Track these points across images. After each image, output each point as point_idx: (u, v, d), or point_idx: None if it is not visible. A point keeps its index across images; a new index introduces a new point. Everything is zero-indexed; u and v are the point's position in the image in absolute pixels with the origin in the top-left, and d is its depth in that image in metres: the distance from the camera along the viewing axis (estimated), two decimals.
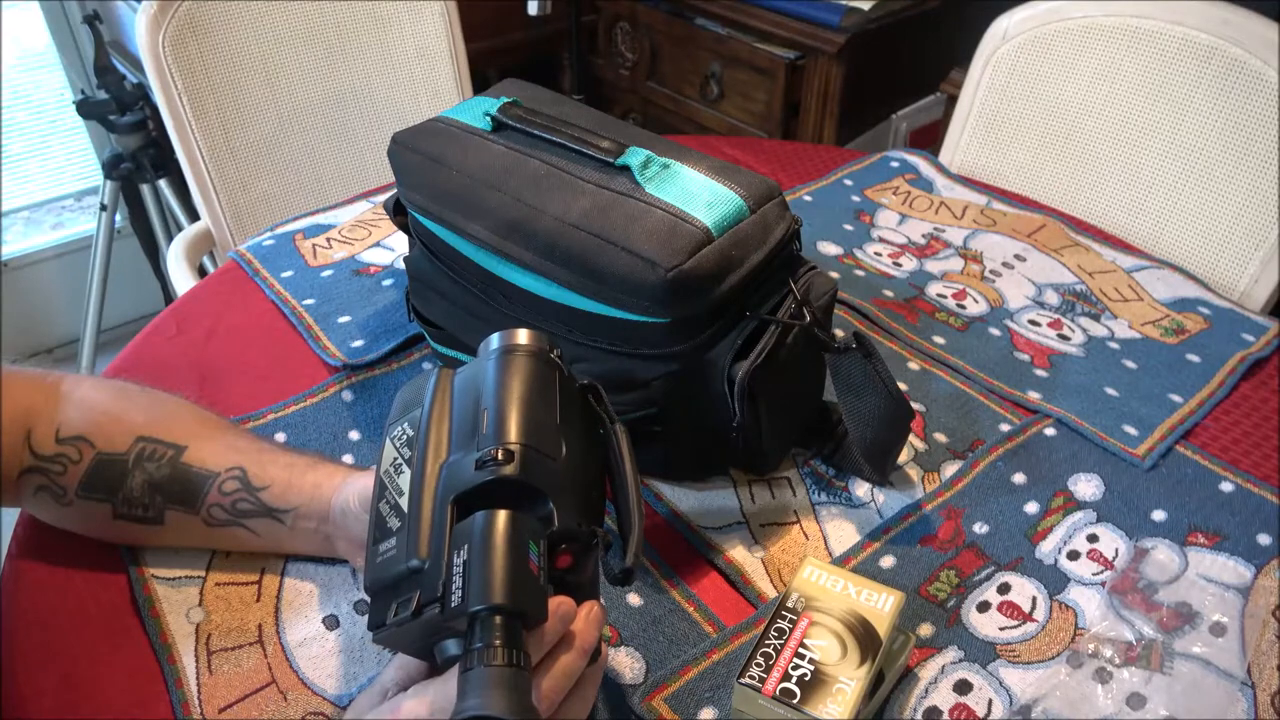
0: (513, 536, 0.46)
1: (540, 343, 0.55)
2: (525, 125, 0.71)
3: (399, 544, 0.48)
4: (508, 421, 0.50)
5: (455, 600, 0.44)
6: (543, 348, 0.55)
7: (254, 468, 0.62)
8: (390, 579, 0.48)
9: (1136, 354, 0.87)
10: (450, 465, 0.50)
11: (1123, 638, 0.62)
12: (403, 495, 0.50)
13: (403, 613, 0.46)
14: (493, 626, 0.43)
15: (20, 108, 1.96)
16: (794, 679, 0.53)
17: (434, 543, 0.47)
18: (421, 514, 0.48)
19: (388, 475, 0.52)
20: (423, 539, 0.48)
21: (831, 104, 1.64)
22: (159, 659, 0.60)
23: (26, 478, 0.61)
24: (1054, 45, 1.16)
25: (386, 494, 0.51)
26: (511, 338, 0.55)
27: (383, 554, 0.48)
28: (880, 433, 0.69)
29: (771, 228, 0.67)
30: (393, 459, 0.52)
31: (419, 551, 0.47)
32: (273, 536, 0.63)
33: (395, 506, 0.50)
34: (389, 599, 0.47)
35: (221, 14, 1.20)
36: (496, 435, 0.49)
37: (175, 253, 1.19)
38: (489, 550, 0.45)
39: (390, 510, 0.50)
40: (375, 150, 1.36)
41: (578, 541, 0.49)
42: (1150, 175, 1.12)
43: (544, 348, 0.55)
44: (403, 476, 0.51)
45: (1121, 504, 0.72)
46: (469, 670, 0.42)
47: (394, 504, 0.50)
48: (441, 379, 0.55)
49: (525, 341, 0.55)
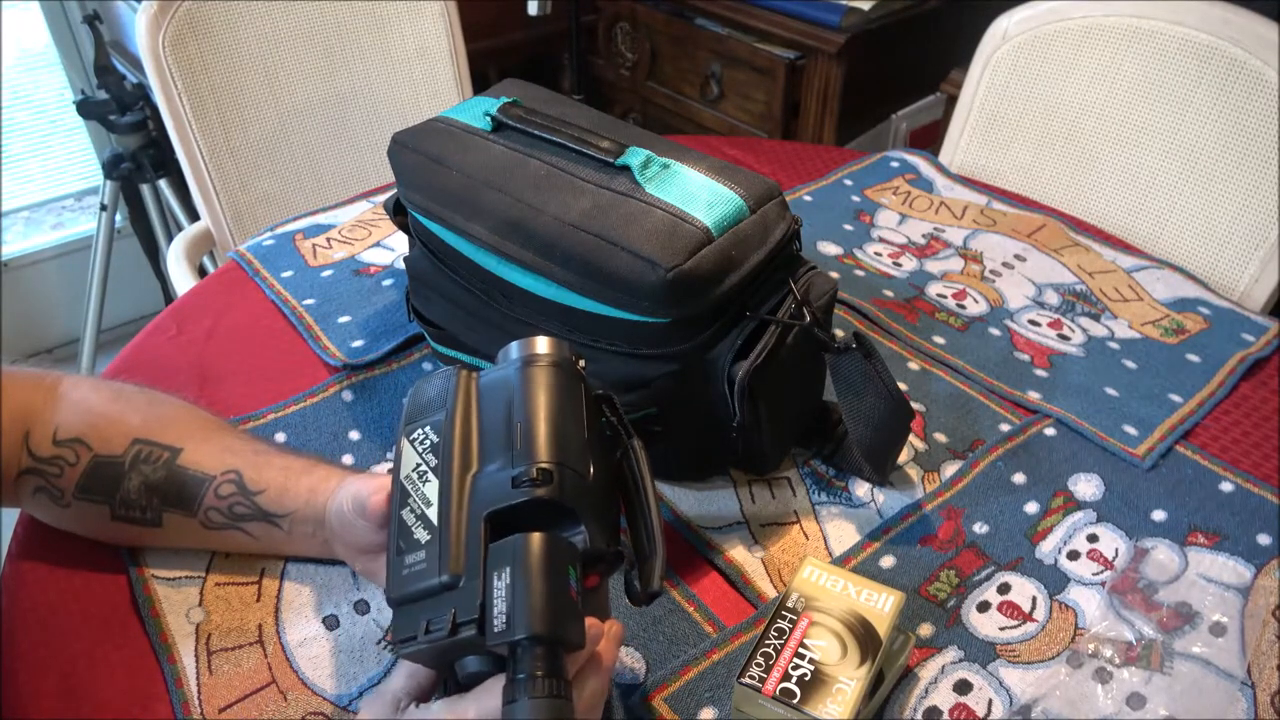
0: (555, 562, 0.45)
1: (565, 353, 0.54)
2: (525, 125, 0.71)
3: (429, 557, 0.47)
4: (542, 438, 0.49)
5: (499, 625, 0.44)
6: (568, 359, 0.54)
7: (250, 471, 0.62)
8: (418, 592, 0.47)
9: (1136, 354, 0.87)
10: (483, 479, 0.49)
11: (1123, 638, 0.62)
12: (430, 506, 0.49)
13: (436, 630, 0.45)
14: (535, 656, 0.43)
15: (20, 108, 1.96)
16: (794, 679, 0.53)
17: (469, 560, 0.47)
18: (454, 528, 0.48)
19: (409, 481, 0.51)
20: (457, 555, 0.47)
21: (831, 104, 1.64)
22: (159, 659, 0.60)
23: (25, 479, 0.61)
24: (1054, 45, 1.16)
25: (411, 502, 0.50)
26: (534, 347, 0.54)
27: (410, 566, 0.48)
28: (880, 433, 0.69)
29: (771, 228, 0.67)
30: (415, 464, 0.51)
31: (453, 568, 0.46)
32: (271, 540, 0.63)
33: (422, 517, 0.49)
34: (417, 614, 0.46)
35: (221, 14, 1.20)
36: (531, 453, 0.48)
37: (175, 253, 1.19)
38: (532, 576, 0.44)
39: (416, 520, 0.49)
40: (375, 150, 1.36)
41: (605, 563, 0.49)
42: (1150, 175, 1.12)
43: (569, 359, 0.54)
44: (429, 485, 0.50)
45: (1121, 504, 0.72)
46: (513, 702, 0.42)
47: (420, 514, 0.49)
48: (463, 382, 0.54)
49: (550, 351, 0.54)
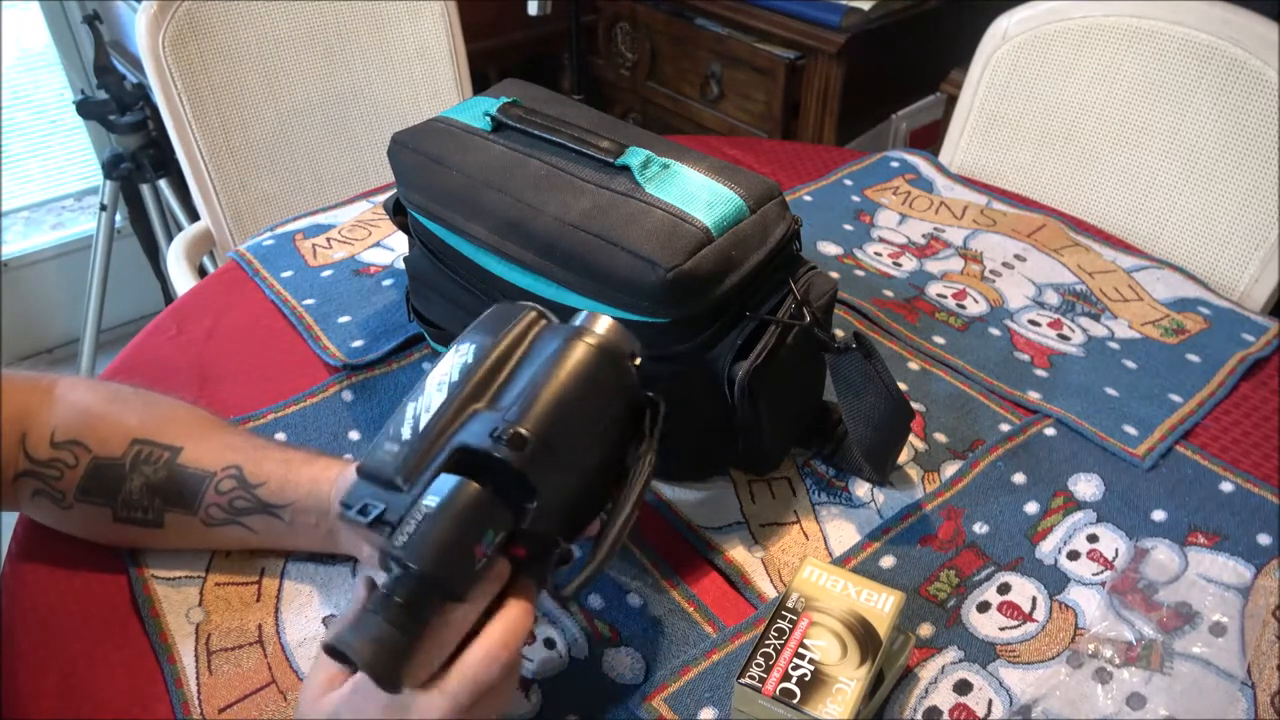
0: (474, 516, 0.47)
1: (618, 340, 0.54)
2: (525, 125, 0.71)
3: (398, 455, 0.50)
4: (538, 407, 0.50)
5: (399, 540, 0.46)
6: (619, 348, 0.54)
7: (250, 465, 0.62)
8: (376, 476, 0.50)
9: (1136, 354, 0.87)
10: (479, 417, 0.50)
11: (1123, 638, 0.62)
12: (428, 413, 0.51)
13: (364, 516, 0.49)
14: (408, 585, 0.46)
15: (20, 108, 1.96)
16: (794, 679, 0.53)
17: (422, 474, 0.49)
18: (427, 443, 0.50)
19: (431, 382, 0.53)
20: (416, 466, 0.50)
21: (831, 104, 1.64)
22: (159, 659, 0.60)
23: (22, 481, 0.61)
24: (1054, 45, 1.16)
25: (419, 399, 0.52)
26: (592, 323, 0.54)
27: (384, 450, 0.51)
28: (880, 433, 0.69)
29: (771, 228, 0.67)
30: (444, 372, 0.53)
31: (406, 475, 0.49)
32: (272, 533, 0.63)
33: (417, 419, 0.51)
34: (365, 493, 0.50)
35: (221, 14, 1.20)
36: (521, 414, 0.49)
37: (175, 253, 1.19)
38: (445, 517, 0.47)
39: (412, 418, 0.51)
40: (375, 150, 1.36)
41: (537, 545, 0.51)
42: (1150, 175, 1.12)
43: (621, 348, 0.54)
44: (438, 395, 0.52)
45: (1121, 504, 0.72)
46: (366, 610, 0.45)
47: (416, 415, 0.51)
48: (527, 323, 0.55)
49: (604, 334, 0.54)
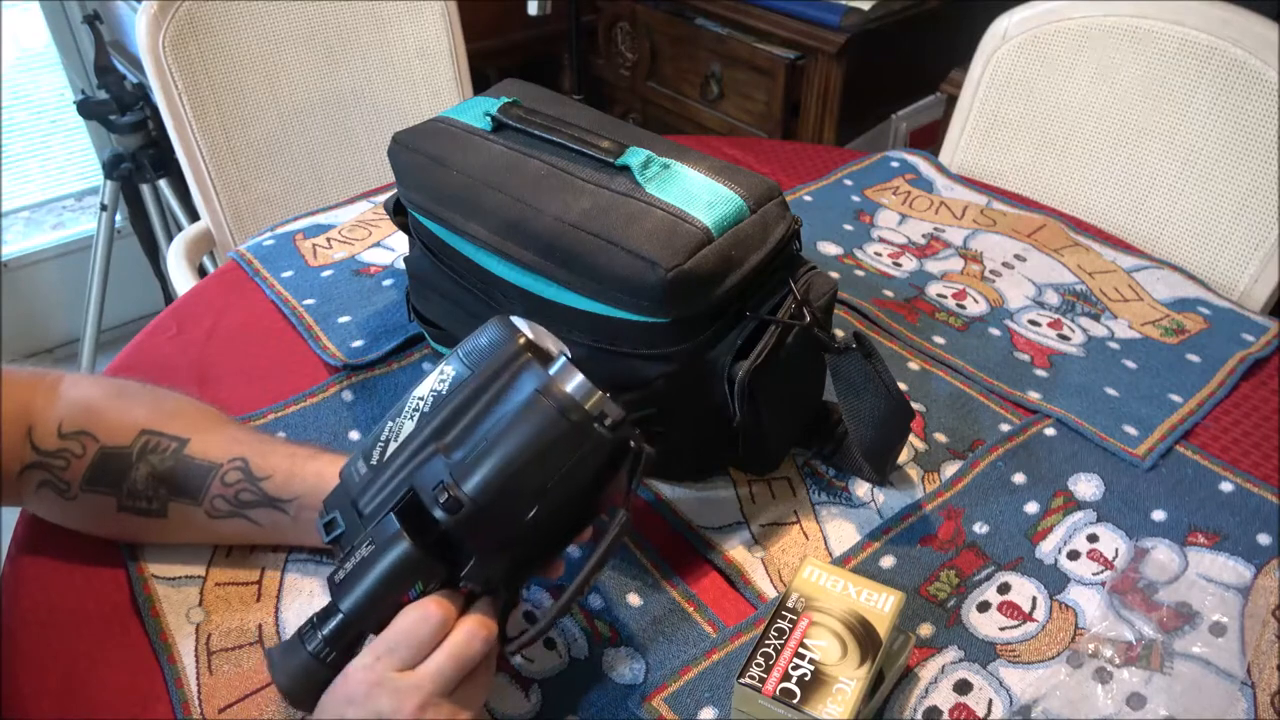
0: (402, 573, 0.49)
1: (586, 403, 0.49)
2: (525, 125, 0.71)
3: (364, 478, 0.52)
4: (482, 471, 0.48)
5: (337, 577, 0.51)
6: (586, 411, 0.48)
7: (256, 458, 0.62)
8: (346, 488, 0.53)
9: (1136, 354, 0.87)
10: (437, 460, 0.50)
11: (1123, 638, 0.62)
12: (395, 442, 0.52)
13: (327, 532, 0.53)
14: (332, 619, 0.51)
15: (20, 108, 1.96)
16: (794, 679, 0.53)
17: (379, 501, 0.51)
18: (389, 476, 0.51)
19: (410, 403, 0.53)
20: (373, 495, 0.52)
21: (831, 104, 1.64)
22: (159, 659, 0.60)
23: (28, 474, 0.61)
24: (1054, 45, 1.16)
25: (399, 419, 0.52)
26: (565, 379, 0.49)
27: (354, 471, 0.53)
28: (880, 433, 0.69)
29: (771, 228, 0.67)
30: (424, 395, 0.52)
31: (365, 500, 0.52)
32: (276, 527, 0.63)
33: (385, 444, 0.52)
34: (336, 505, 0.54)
35: (221, 14, 1.20)
36: (466, 473, 0.48)
37: (175, 253, 1.19)
38: (376, 569, 0.49)
39: (384, 442, 0.52)
40: (375, 150, 1.36)
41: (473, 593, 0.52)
42: (1150, 175, 1.12)
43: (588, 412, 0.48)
44: (409, 424, 0.52)
45: (1121, 504, 0.72)
46: (294, 634, 0.51)
47: (387, 440, 0.52)
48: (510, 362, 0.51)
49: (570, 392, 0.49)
